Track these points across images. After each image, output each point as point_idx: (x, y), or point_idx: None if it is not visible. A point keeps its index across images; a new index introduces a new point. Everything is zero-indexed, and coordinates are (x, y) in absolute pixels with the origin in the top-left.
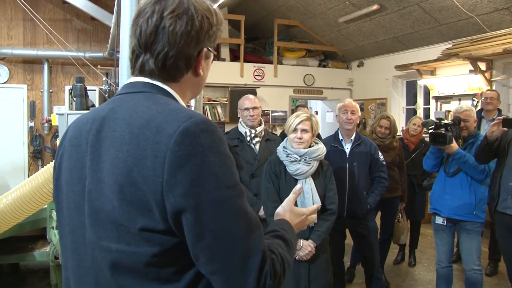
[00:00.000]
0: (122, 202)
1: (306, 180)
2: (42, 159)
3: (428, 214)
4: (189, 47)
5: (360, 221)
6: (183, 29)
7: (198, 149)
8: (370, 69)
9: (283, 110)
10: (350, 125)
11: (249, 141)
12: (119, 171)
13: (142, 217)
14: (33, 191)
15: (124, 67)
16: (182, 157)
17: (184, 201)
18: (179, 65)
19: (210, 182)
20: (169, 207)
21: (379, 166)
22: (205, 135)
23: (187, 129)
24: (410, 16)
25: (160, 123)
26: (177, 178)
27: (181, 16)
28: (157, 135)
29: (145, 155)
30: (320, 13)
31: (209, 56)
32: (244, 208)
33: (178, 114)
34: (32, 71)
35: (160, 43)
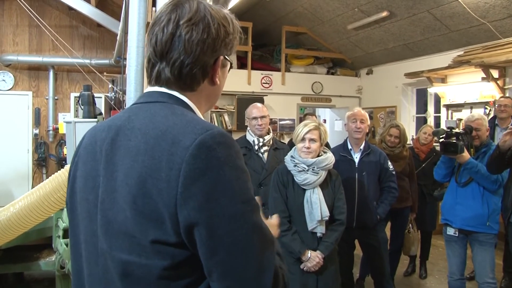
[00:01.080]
0: (135, 213)
1: (314, 190)
2: (47, 167)
3: (439, 225)
4: (205, 55)
5: (370, 232)
6: (199, 37)
7: (214, 162)
8: (379, 76)
9: (291, 118)
10: (359, 134)
11: (257, 150)
12: (133, 181)
13: (154, 229)
14: (40, 199)
15: (131, 75)
16: (198, 170)
17: (198, 215)
18: (195, 74)
19: (225, 197)
20: (182, 220)
21: (388, 175)
22: (222, 149)
23: (204, 142)
24: (420, 23)
25: (176, 134)
26: (191, 191)
27: (198, 24)
28: (172, 146)
29: (160, 167)
30: (329, 20)
31: (225, 64)
32: (259, 224)
33: (195, 126)
34: (37, 78)
35: (176, 51)
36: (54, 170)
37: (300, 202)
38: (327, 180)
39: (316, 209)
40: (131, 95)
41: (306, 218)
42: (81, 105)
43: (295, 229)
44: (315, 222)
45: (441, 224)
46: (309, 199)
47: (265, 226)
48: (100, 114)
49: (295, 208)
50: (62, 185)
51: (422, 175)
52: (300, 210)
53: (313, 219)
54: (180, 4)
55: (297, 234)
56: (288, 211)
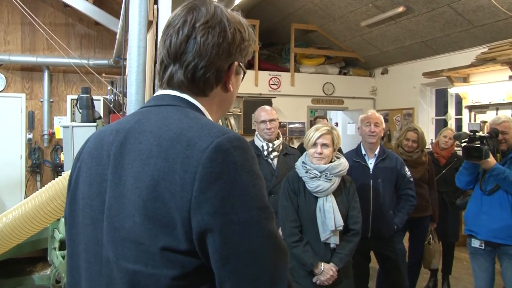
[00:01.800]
0: (144, 218)
1: (327, 198)
2: (41, 174)
3: (462, 236)
4: (220, 59)
5: (386, 243)
6: (215, 41)
7: (231, 166)
8: (395, 76)
9: (300, 122)
10: (374, 139)
11: (266, 155)
12: (144, 185)
13: (164, 236)
14: (36, 209)
15: (132, 76)
16: (214, 174)
17: (213, 220)
18: (209, 78)
19: (241, 202)
20: (195, 226)
21: (406, 182)
22: (239, 153)
23: (221, 145)
24: (440, 18)
25: (192, 137)
26: (207, 195)
27: (214, 27)
28: (188, 149)
29: (174, 170)
30: (341, 17)
31: (239, 72)
32: (274, 232)
33: (211, 129)
34: (31, 79)
35: (190, 53)
36: (49, 177)
37: (312, 211)
38: (341, 187)
39: (330, 218)
40: (132, 97)
41: (319, 228)
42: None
43: (306, 240)
44: (329, 232)
45: (465, 235)
46: (321, 208)
47: (279, 236)
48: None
49: (307, 217)
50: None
51: (443, 182)
52: (312, 219)
53: (326, 229)
54: (196, 7)
55: (309, 245)
56: (300, 220)
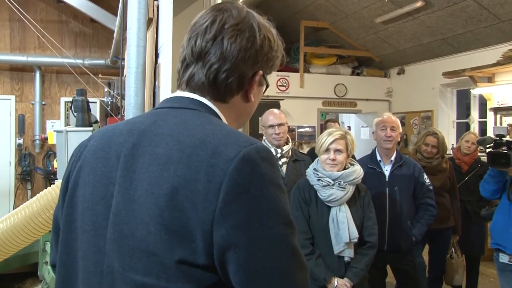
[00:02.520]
0: (161, 227)
1: (340, 208)
2: (32, 182)
3: (488, 250)
4: (245, 65)
5: (404, 256)
6: (243, 44)
7: (259, 179)
8: (412, 77)
9: (310, 126)
10: (390, 144)
11: None
12: (162, 192)
13: (181, 248)
14: (26, 220)
15: (131, 77)
16: (242, 186)
17: (238, 234)
18: (231, 83)
19: (269, 217)
20: (217, 240)
21: (425, 191)
22: (266, 165)
23: (249, 155)
24: (463, 13)
25: (218, 145)
26: (232, 208)
27: (244, 31)
28: (213, 157)
29: (197, 178)
30: (354, 13)
31: (262, 83)
32: (298, 249)
33: (238, 138)
34: (21, 80)
35: (214, 54)
36: (40, 185)
37: (324, 222)
38: (355, 196)
39: (344, 229)
40: (130, 100)
41: (332, 240)
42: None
43: (319, 252)
44: (343, 245)
45: (491, 249)
46: (335, 218)
47: (301, 251)
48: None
49: (319, 229)
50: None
51: (465, 191)
52: (325, 230)
53: (340, 241)
54: (227, 8)
55: (321, 258)
56: (311, 232)
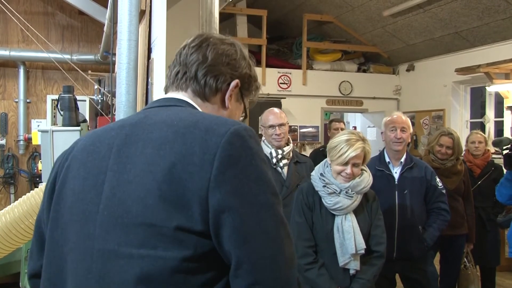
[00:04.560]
0: (159, 199)
1: (346, 216)
2: (16, 185)
3: (505, 259)
4: (223, 67)
5: (415, 264)
6: (224, 48)
7: (248, 152)
8: (423, 73)
9: (314, 126)
10: (400, 145)
11: (275, 163)
12: (159, 168)
13: (179, 215)
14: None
15: (122, 73)
16: (233, 156)
17: (232, 199)
18: (210, 80)
19: (258, 185)
20: (213, 204)
21: (437, 195)
22: (254, 142)
23: (238, 131)
24: (478, 5)
25: (210, 124)
26: (226, 175)
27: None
28: (206, 134)
29: (193, 152)
30: (360, 6)
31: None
32: (284, 218)
33: (227, 120)
34: (3, 76)
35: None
36: (25, 189)
37: (328, 229)
38: (362, 203)
39: (349, 239)
40: (122, 98)
41: (337, 251)
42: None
43: (322, 261)
44: (348, 256)
45: (509, 259)
46: (340, 227)
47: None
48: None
49: (323, 237)
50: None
51: (479, 196)
52: (329, 239)
53: (346, 253)
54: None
55: (324, 268)
56: (314, 239)
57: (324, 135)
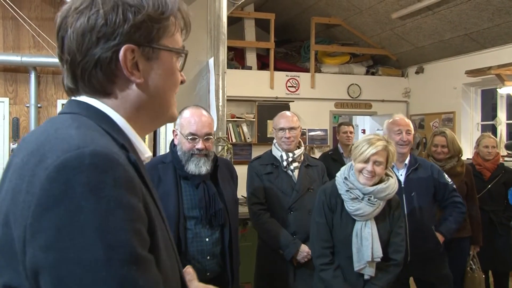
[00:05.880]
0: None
1: (366, 223)
2: None
3: None
4: (96, 47)
5: (429, 267)
6: (84, 26)
7: (77, 189)
8: (432, 76)
9: (322, 129)
10: (406, 148)
11: (286, 166)
12: (2, 209)
13: (9, 269)
14: None
15: None
16: (52, 198)
17: (45, 256)
18: (93, 73)
19: (84, 237)
20: (28, 262)
21: (449, 191)
22: (91, 173)
23: (67, 161)
24: (489, 6)
25: (47, 151)
26: (41, 223)
27: (83, 12)
28: (37, 165)
29: (21, 189)
30: (368, 8)
31: (154, 56)
32: (134, 280)
33: (69, 142)
34: (15, 82)
35: (65, 49)
36: None
37: (347, 233)
38: (385, 210)
39: (367, 246)
40: None
41: (353, 256)
42: None
43: (338, 263)
44: (364, 263)
45: None
46: (359, 233)
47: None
48: None
49: (341, 239)
50: None
51: (489, 199)
52: (347, 242)
53: (362, 259)
54: None
55: (340, 270)
56: (332, 241)
57: (332, 138)
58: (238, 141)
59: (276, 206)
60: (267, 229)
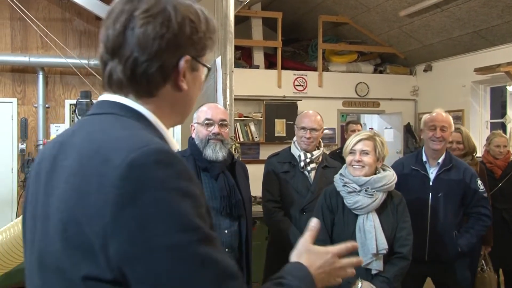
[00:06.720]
0: (66, 243)
1: (368, 216)
2: None
3: None
4: (165, 52)
5: (447, 269)
6: (157, 31)
7: (149, 183)
8: (440, 74)
9: (330, 128)
10: (439, 145)
11: (303, 167)
12: (64, 207)
13: (87, 263)
14: None
15: None
16: (128, 194)
17: (131, 248)
18: (153, 75)
19: (163, 225)
20: (113, 255)
21: (478, 199)
22: (160, 168)
23: (136, 160)
24: (498, 3)
25: (109, 151)
26: (122, 220)
27: (156, 16)
28: (103, 165)
29: (89, 190)
30: (376, 6)
31: (196, 68)
32: (210, 256)
33: (130, 142)
34: (23, 82)
35: (129, 47)
36: None
37: (351, 231)
38: (387, 203)
39: (371, 239)
40: None
41: (359, 251)
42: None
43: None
44: (370, 256)
45: None
46: (361, 227)
47: (223, 259)
48: None
49: (345, 238)
50: None
51: (500, 197)
52: (351, 240)
53: (367, 252)
54: None
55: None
56: (336, 241)
57: (340, 137)
58: (245, 140)
59: (289, 205)
60: (280, 227)
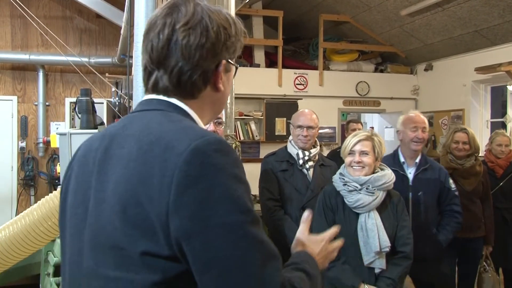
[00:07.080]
0: (125, 223)
1: (369, 214)
2: (36, 188)
3: None
4: (206, 60)
5: (429, 267)
6: (197, 41)
7: (210, 169)
8: (441, 73)
9: (330, 127)
10: (419, 146)
11: (301, 165)
12: (123, 189)
13: (145, 240)
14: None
15: (139, 76)
16: (191, 177)
17: (191, 224)
18: (196, 80)
19: (222, 206)
20: (173, 231)
21: (451, 197)
22: (218, 156)
23: (199, 148)
24: (499, 2)
25: (170, 140)
26: (184, 199)
27: (195, 28)
28: (166, 152)
29: (152, 173)
30: (377, 5)
31: (229, 69)
32: (259, 237)
33: (190, 133)
34: (23, 80)
35: (173, 57)
36: (44, 191)
37: (352, 230)
38: (387, 203)
39: (373, 237)
40: (139, 100)
41: (361, 250)
42: (78, 113)
43: (344, 258)
44: (372, 255)
45: None
46: (363, 226)
47: (267, 240)
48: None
49: (347, 237)
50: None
51: (501, 197)
52: (353, 239)
53: (370, 251)
54: (175, 7)
55: (347, 264)
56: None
57: (341, 136)
58: (246, 139)
59: (289, 204)
60: (281, 226)
